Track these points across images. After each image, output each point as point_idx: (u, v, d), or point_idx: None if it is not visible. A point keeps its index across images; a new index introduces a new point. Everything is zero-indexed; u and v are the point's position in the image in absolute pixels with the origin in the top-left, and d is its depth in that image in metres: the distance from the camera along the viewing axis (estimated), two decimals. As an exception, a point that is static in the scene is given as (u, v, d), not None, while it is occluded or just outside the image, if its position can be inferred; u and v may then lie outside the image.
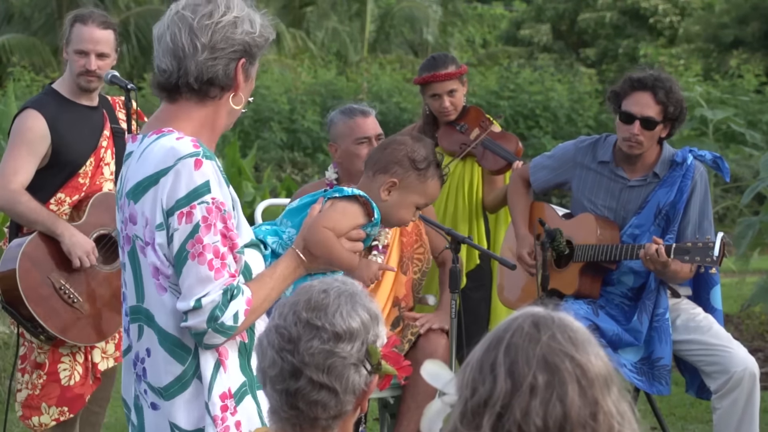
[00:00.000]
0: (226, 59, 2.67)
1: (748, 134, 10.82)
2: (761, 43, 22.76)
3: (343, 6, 25.60)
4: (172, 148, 2.61)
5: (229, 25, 2.67)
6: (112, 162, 4.56)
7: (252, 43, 2.71)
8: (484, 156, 5.28)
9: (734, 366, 4.42)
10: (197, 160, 2.60)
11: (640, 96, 4.50)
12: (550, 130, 17.90)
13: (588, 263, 4.63)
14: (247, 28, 2.69)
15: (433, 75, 5.24)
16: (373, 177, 3.22)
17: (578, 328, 1.67)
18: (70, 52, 4.47)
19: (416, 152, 3.22)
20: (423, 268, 4.83)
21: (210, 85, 2.68)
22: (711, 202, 4.72)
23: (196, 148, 2.63)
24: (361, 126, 4.64)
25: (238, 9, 2.69)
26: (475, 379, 1.65)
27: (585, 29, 27.00)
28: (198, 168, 2.60)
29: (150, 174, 2.62)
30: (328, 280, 2.16)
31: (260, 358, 2.13)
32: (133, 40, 20.00)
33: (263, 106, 17.41)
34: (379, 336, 2.14)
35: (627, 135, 4.53)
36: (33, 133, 4.38)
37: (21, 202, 4.33)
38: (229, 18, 2.67)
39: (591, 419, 1.61)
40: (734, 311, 8.99)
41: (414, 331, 4.62)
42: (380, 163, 3.23)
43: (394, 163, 3.21)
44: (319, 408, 2.09)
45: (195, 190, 2.60)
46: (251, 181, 11.81)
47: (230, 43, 2.67)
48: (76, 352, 4.46)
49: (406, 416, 4.56)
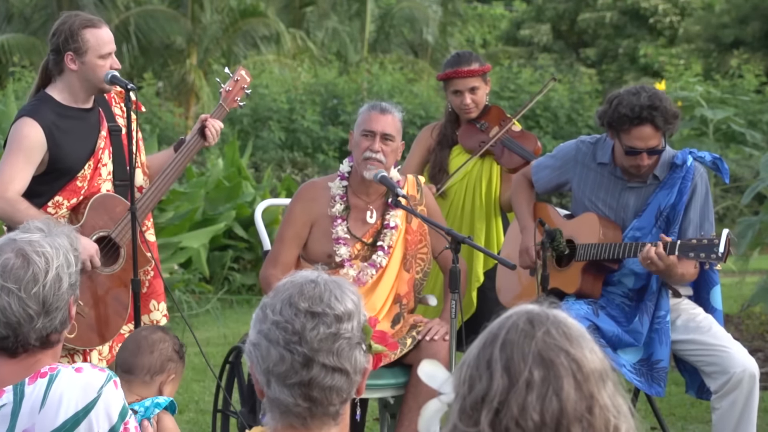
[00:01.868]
0: (62, 311, 2.66)
1: (749, 134, 10.81)
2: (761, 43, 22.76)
3: (343, 6, 25.61)
4: (87, 383, 2.63)
5: (55, 281, 2.64)
6: (110, 162, 4.55)
7: (75, 279, 2.70)
8: (503, 154, 5.32)
9: (734, 366, 4.42)
10: (114, 381, 2.66)
11: (640, 131, 4.44)
12: (550, 130, 17.91)
13: (590, 262, 4.63)
14: (68, 270, 2.66)
15: (455, 71, 5.30)
16: (152, 380, 3.57)
17: (572, 324, 1.70)
18: (91, 59, 4.40)
19: (176, 344, 3.65)
20: (425, 268, 4.84)
21: (51, 335, 2.67)
22: (711, 203, 4.71)
23: (102, 371, 2.66)
24: (372, 119, 4.67)
25: (55, 255, 2.64)
26: (472, 376, 1.67)
27: (585, 29, 27.02)
28: (117, 388, 2.67)
29: (72, 414, 2.61)
30: (308, 272, 2.20)
31: (261, 360, 2.13)
32: (133, 40, 19.99)
33: (262, 106, 17.42)
34: (365, 316, 2.20)
35: (635, 164, 4.53)
36: (29, 141, 4.35)
37: (19, 210, 4.31)
38: (52, 275, 2.63)
39: (587, 413, 1.63)
40: (734, 311, 8.99)
41: (419, 330, 4.63)
42: (154, 366, 3.58)
43: (168, 360, 3.61)
44: (333, 393, 2.12)
45: (123, 409, 2.66)
46: (251, 181, 11.81)
47: (62, 298, 2.65)
48: (74, 354, 4.45)
49: (407, 416, 4.56)
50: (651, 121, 4.42)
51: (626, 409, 1.66)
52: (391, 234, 4.71)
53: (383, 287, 4.71)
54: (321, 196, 4.77)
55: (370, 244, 4.73)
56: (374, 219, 4.75)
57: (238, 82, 4.79)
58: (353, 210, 4.74)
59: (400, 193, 4.50)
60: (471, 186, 5.38)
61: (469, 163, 5.36)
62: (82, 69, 4.42)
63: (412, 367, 4.56)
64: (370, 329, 2.18)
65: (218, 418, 5.21)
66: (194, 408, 6.48)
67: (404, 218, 4.76)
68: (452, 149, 5.43)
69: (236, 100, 4.79)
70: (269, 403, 2.17)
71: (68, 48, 4.41)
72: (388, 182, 4.58)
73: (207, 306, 9.66)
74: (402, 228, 4.75)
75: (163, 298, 4.69)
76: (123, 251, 4.48)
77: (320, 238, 4.72)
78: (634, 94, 4.47)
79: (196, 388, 7.00)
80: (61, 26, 4.45)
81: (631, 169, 4.57)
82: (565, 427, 1.62)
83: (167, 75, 20.77)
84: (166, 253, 9.46)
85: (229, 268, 10.77)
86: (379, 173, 4.59)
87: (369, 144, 4.63)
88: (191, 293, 9.85)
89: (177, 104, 19.61)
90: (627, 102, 4.45)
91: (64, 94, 4.47)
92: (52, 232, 2.69)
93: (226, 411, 5.15)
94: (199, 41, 21.04)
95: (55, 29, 4.47)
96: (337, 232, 4.69)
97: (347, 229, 4.70)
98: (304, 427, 2.14)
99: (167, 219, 9.99)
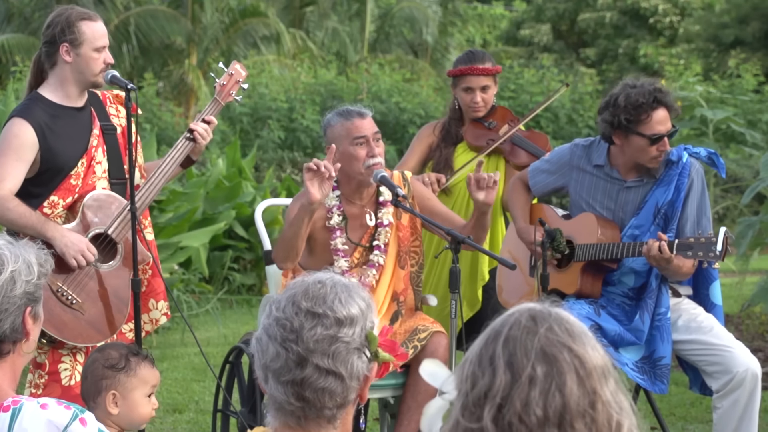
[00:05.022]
0: (12, 317, 2.58)
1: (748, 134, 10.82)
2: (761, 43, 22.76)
3: (343, 6, 25.61)
4: (49, 421, 2.54)
5: (8, 284, 2.57)
6: (104, 159, 4.55)
7: (33, 289, 2.62)
8: (512, 151, 5.32)
9: (736, 366, 4.42)
10: (81, 419, 2.55)
11: (659, 114, 4.46)
12: (550, 131, 17.90)
13: (589, 263, 4.63)
14: (24, 278, 2.59)
15: (470, 68, 5.30)
16: (95, 405, 3.40)
17: (574, 322, 1.71)
18: (86, 51, 4.42)
19: (109, 359, 3.44)
20: (420, 261, 4.83)
21: (1, 342, 2.60)
22: (709, 199, 4.71)
23: (68, 409, 2.57)
24: (356, 125, 4.63)
25: (12, 260, 2.57)
26: (475, 372, 1.68)
27: (585, 29, 27.02)
28: (85, 425, 2.56)
29: None
30: (321, 273, 2.19)
31: (261, 355, 2.15)
32: (133, 40, 19.99)
33: (261, 105, 17.42)
34: (374, 324, 2.18)
35: (657, 154, 4.52)
36: (20, 140, 4.36)
37: (9, 208, 4.31)
38: (5, 276, 2.57)
39: (590, 408, 1.64)
40: (734, 311, 8.99)
41: (422, 337, 4.61)
42: (90, 390, 3.42)
43: (100, 379, 3.41)
44: (326, 396, 2.11)
45: None
46: (251, 181, 11.81)
47: (12, 302, 2.57)
48: (77, 352, 4.45)
49: (406, 416, 4.56)
50: (664, 103, 4.46)
51: (628, 405, 1.67)
52: (385, 232, 4.70)
53: (381, 286, 4.71)
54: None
55: (368, 247, 4.72)
56: (374, 220, 4.74)
57: (232, 76, 4.77)
58: (350, 218, 4.72)
59: (400, 192, 4.48)
60: None
61: (475, 160, 5.36)
62: (76, 61, 4.43)
63: (411, 366, 4.57)
64: (375, 337, 2.16)
65: (218, 418, 5.22)
66: (194, 408, 6.48)
67: (394, 214, 4.75)
68: (457, 147, 5.43)
69: (231, 94, 4.77)
70: (269, 400, 2.18)
71: (64, 39, 4.41)
72: (388, 182, 4.56)
73: (207, 306, 9.66)
74: (393, 225, 4.74)
75: (162, 297, 4.68)
76: (120, 247, 4.48)
77: (319, 251, 4.71)
78: (634, 87, 4.50)
79: (196, 388, 7.00)
80: (56, 18, 4.45)
81: (653, 161, 4.54)
82: (569, 423, 1.62)
83: (166, 75, 20.77)
84: (166, 253, 9.45)
85: (229, 268, 10.77)
86: (378, 173, 4.58)
87: (367, 151, 4.60)
88: (191, 293, 9.85)
89: (177, 104, 19.61)
90: (635, 93, 4.47)
91: (57, 92, 4.47)
92: (19, 245, 2.62)
93: (226, 411, 5.15)
94: (199, 41, 21.04)
95: (50, 21, 4.47)
96: (335, 244, 4.67)
97: (346, 239, 4.69)
98: (299, 427, 2.15)
99: (167, 219, 9.98)
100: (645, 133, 4.47)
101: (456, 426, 1.67)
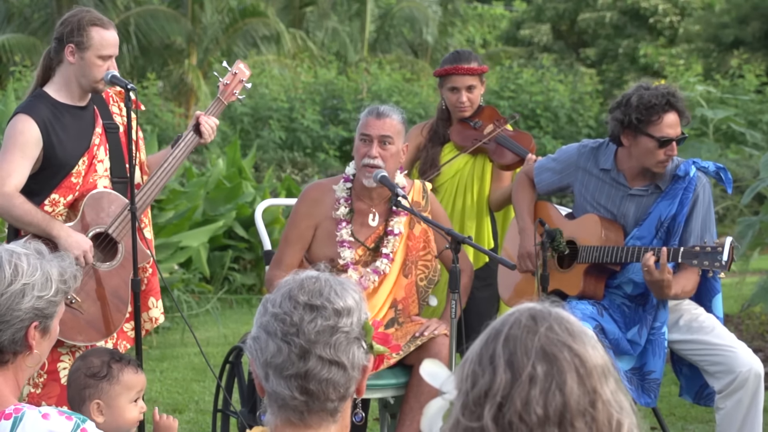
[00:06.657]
0: (13, 329, 2.56)
1: (749, 134, 10.82)
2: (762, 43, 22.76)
3: (343, 6, 25.62)
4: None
5: (16, 296, 2.55)
6: (107, 158, 4.55)
7: (45, 305, 2.59)
8: (496, 151, 5.31)
9: (739, 366, 4.40)
10: (83, 429, 2.54)
11: (669, 118, 4.44)
12: (550, 130, 17.92)
13: (592, 264, 4.62)
14: (37, 293, 2.56)
15: (455, 67, 5.30)
16: (81, 413, 3.36)
17: (574, 321, 1.72)
18: (90, 57, 4.41)
19: (91, 367, 3.44)
20: (430, 276, 4.80)
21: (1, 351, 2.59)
22: (713, 213, 4.69)
23: (69, 420, 2.55)
24: (368, 123, 4.64)
25: (29, 273, 2.55)
26: (475, 371, 1.68)
27: (585, 29, 27.01)
28: None
29: None
30: (311, 272, 2.21)
31: (260, 353, 2.15)
32: (133, 40, 20.00)
33: (262, 105, 17.43)
34: (368, 315, 2.21)
35: (664, 158, 4.50)
36: (25, 137, 4.36)
37: (15, 205, 4.32)
38: (16, 287, 2.54)
39: (590, 407, 1.64)
40: (734, 311, 8.99)
41: (423, 339, 4.60)
42: (74, 398, 3.43)
43: (83, 388, 3.42)
44: (330, 387, 2.13)
45: None
46: (251, 181, 11.81)
47: (16, 314, 2.55)
48: (76, 351, 4.45)
49: (408, 416, 4.55)
50: (677, 108, 4.44)
51: (628, 405, 1.68)
52: (394, 240, 4.70)
53: (382, 292, 4.70)
54: (325, 198, 4.75)
55: (372, 249, 4.72)
56: (377, 222, 4.73)
57: (236, 76, 4.77)
58: (357, 214, 4.72)
59: (400, 193, 4.49)
60: (462, 184, 5.37)
61: (461, 160, 5.34)
62: (79, 64, 4.43)
63: (414, 367, 4.56)
64: (371, 327, 2.19)
65: (218, 418, 5.21)
66: (194, 408, 6.48)
67: (407, 224, 4.75)
68: (444, 147, 5.43)
69: (234, 94, 4.78)
70: (268, 398, 2.18)
71: (71, 40, 4.42)
72: (388, 182, 4.56)
73: (207, 306, 9.66)
74: (404, 234, 4.75)
75: (160, 296, 4.69)
76: (121, 247, 4.48)
77: (324, 240, 4.71)
78: (647, 89, 4.49)
79: (196, 388, 6.99)
80: (70, 17, 4.47)
81: (659, 166, 4.52)
82: (569, 422, 1.63)
83: (166, 75, 20.78)
84: (166, 252, 9.45)
85: (229, 268, 10.77)
86: (378, 173, 4.57)
87: (367, 150, 4.61)
88: (191, 293, 9.84)
89: (177, 104, 19.62)
90: (648, 94, 4.46)
91: (61, 91, 4.48)
92: (45, 257, 2.60)
93: (226, 411, 5.15)
94: (199, 41, 21.05)
95: (64, 19, 4.49)
96: (341, 234, 4.68)
97: (351, 232, 4.69)
98: (302, 423, 2.15)
99: (167, 218, 9.98)
100: (654, 135, 4.45)
101: (456, 425, 1.68)
